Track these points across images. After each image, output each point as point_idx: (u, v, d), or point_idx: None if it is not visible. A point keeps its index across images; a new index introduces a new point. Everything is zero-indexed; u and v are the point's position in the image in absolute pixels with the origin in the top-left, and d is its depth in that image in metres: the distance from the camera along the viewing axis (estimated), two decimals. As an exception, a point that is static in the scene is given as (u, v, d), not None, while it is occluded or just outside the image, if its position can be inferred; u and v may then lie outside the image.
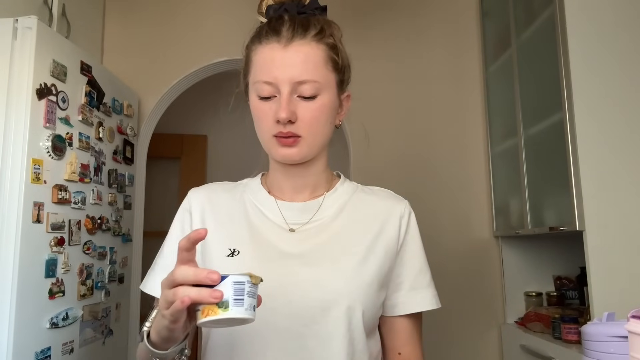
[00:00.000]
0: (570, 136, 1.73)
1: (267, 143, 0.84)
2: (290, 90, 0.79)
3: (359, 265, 0.82)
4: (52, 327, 1.63)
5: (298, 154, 0.83)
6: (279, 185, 0.90)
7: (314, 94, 0.81)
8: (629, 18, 1.76)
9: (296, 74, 0.79)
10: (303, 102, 0.81)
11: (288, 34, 0.81)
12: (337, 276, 0.81)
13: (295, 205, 0.88)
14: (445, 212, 2.48)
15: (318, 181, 0.90)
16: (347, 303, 0.79)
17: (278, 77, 0.79)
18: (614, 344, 0.77)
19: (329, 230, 0.86)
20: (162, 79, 2.55)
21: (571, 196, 1.73)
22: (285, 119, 0.78)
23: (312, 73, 0.80)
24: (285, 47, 0.80)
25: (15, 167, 1.54)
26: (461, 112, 2.59)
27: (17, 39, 1.59)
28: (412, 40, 2.64)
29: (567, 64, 1.75)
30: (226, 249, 0.83)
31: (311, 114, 0.81)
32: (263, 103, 0.82)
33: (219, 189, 0.93)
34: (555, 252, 2.39)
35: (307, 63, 0.80)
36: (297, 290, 0.79)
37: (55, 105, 1.70)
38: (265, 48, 0.82)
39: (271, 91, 0.80)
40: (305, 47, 0.81)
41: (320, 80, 0.81)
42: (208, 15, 2.61)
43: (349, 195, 0.91)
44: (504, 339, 2.38)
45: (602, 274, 1.65)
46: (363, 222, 0.88)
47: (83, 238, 1.87)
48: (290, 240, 0.84)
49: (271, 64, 0.80)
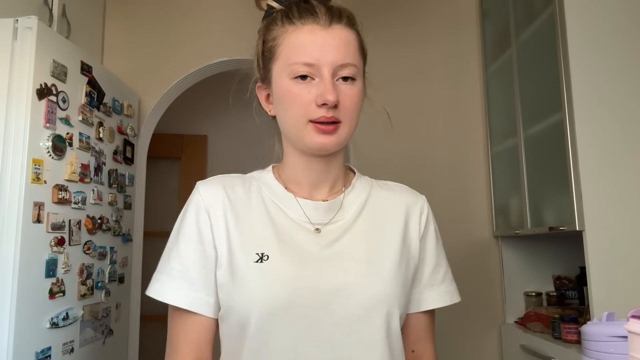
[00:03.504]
0: (570, 136, 1.73)
1: (299, 130, 0.78)
2: (332, 74, 0.76)
3: (394, 267, 0.79)
4: (52, 327, 1.63)
5: (336, 142, 0.78)
6: (297, 179, 0.84)
7: (354, 77, 0.78)
8: (628, 18, 1.76)
9: (339, 57, 0.76)
10: (343, 86, 0.77)
11: (326, 17, 0.78)
12: (375, 281, 0.77)
13: (320, 205, 0.82)
14: (445, 212, 2.48)
15: (337, 176, 0.86)
16: (387, 309, 0.76)
17: (320, 59, 0.75)
18: (613, 344, 0.77)
19: (354, 230, 0.82)
20: (162, 79, 2.55)
21: (571, 196, 1.73)
22: (333, 102, 0.74)
23: (352, 57, 0.78)
24: (327, 29, 0.77)
25: (16, 167, 1.54)
26: (461, 112, 2.59)
27: (17, 39, 1.59)
28: (412, 40, 2.64)
29: (567, 64, 1.75)
30: (253, 254, 0.76)
31: (351, 99, 0.77)
32: (297, 85, 0.76)
33: (233, 183, 0.84)
34: (555, 252, 2.39)
35: (348, 46, 0.78)
36: (336, 298, 0.74)
37: (56, 105, 1.70)
38: (303, 29, 0.78)
39: (310, 72, 0.76)
40: (344, 31, 0.79)
41: (358, 66, 0.79)
42: (208, 16, 2.61)
43: (367, 191, 0.88)
44: (503, 339, 2.38)
45: (602, 274, 1.65)
46: (387, 220, 0.85)
47: (83, 238, 1.87)
48: (317, 241, 0.79)
49: (312, 44, 0.76)
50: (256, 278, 0.75)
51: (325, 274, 0.76)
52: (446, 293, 0.88)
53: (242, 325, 0.75)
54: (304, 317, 0.73)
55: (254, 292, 0.74)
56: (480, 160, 2.56)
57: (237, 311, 0.75)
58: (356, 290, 0.75)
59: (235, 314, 0.76)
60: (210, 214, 0.80)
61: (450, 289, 0.89)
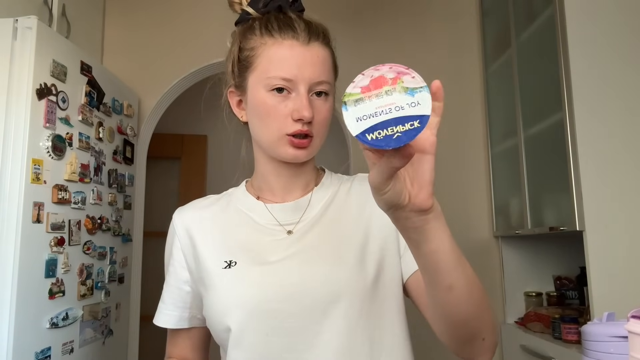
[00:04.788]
0: (570, 136, 1.73)
1: (275, 142, 0.81)
2: (308, 89, 0.79)
3: (358, 255, 0.80)
4: (52, 327, 1.63)
5: (308, 154, 0.82)
6: (269, 186, 0.88)
7: (327, 92, 0.81)
8: (628, 18, 1.76)
9: (316, 75, 0.79)
10: (316, 102, 0.80)
11: (305, 33, 0.81)
12: (338, 270, 0.79)
13: (287, 205, 0.86)
14: (445, 212, 2.45)
15: (309, 179, 0.89)
16: (351, 296, 0.77)
17: (298, 75, 0.78)
18: (614, 344, 0.77)
19: (320, 224, 0.84)
20: (162, 79, 2.55)
21: (571, 196, 1.73)
22: (309, 118, 0.77)
23: (327, 74, 0.81)
24: (306, 47, 0.80)
25: (15, 167, 1.54)
26: (461, 112, 2.59)
27: (17, 39, 1.59)
28: (412, 40, 2.63)
29: (567, 64, 1.75)
30: (222, 262, 0.82)
31: (323, 115, 0.81)
32: (274, 97, 0.79)
33: (204, 204, 0.92)
34: (555, 252, 2.39)
35: (324, 65, 0.81)
36: (303, 290, 0.77)
37: (55, 105, 1.70)
38: (283, 44, 0.80)
39: (287, 86, 0.79)
40: (321, 50, 0.82)
41: (331, 82, 0.83)
42: (208, 16, 2.61)
43: (336, 186, 0.90)
44: (504, 339, 2.38)
45: (602, 274, 1.65)
46: (352, 209, 0.86)
47: (83, 238, 1.87)
48: (285, 242, 0.82)
49: (291, 60, 0.79)
50: (225, 283, 0.80)
51: (289, 269, 0.79)
52: None
53: (222, 327, 0.79)
54: (273, 311, 0.76)
55: (224, 295, 0.79)
56: (480, 160, 2.56)
57: (214, 315, 0.81)
58: (320, 280, 0.78)
59: (213, 318, 0.81)
60: (180, 237, 0.88)
61: None
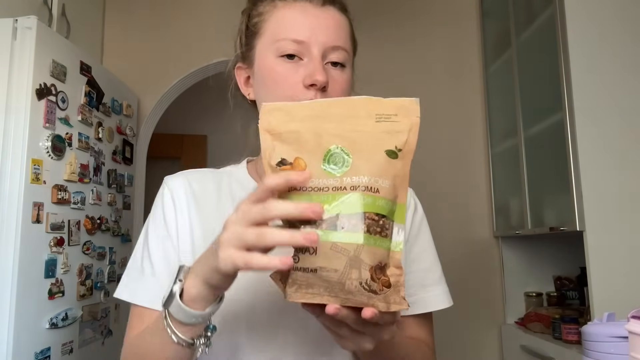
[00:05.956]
0: (570, 136, 1.73)
1: None
2: (322, 55, 0.69)
3: None
4: (51, 328, 1.63)
5: None
6: None
7: (344, 63, 0.72)
8: (628, 18, 1.76)
9: (331, 38, 0.70)
10: (332, 71, 0.70)
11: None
12: None
13: None
14: (445, 212, 2.48)
15: None
16: None
17: (311, 37, 0.69)
18: (614, 344, 0.77)
19: None
20: (162, 79, 2.55)
21: (571, 196, 1.73)
22: (323, 83, 0.67)
23: (344, 41, 0.72)
24: (319, 8, 0.71)
25: (15, 167, 1.54)
26: (461, 112, 2.59)
27: (17, 39, 1.59)
28: (412, 40, 2.63)
29: (567, 64, 1.75)
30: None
31: (340, 86, 0.71)
32: (284, 64, 0.70)
33: (202, 178, 0.79)
34: (555, 252, 2.39)
35: (341, 29, 0.72)
36: None
37: (55, 105, 1.70)
38: (295, 5, 0.71)
39: (298, 51, 0.69)
40: (338, 14, 0.73)
41: (349, 52, 0.73)
42: (208, 15, 2.61)
43: None
44: (504, 339, 2.38)
45: (602, 274, 1.65)
46: None
47: (82, 238, 1.87)
48: None
49: (303, 20, 0.70)
50: None
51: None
52: (440, 295, 0.79)
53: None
54: (264, 297, 0.68)
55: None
56: (480, 160, 2.56)
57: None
58: None
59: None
60: (175, 201, 0.75)
61: (443, 290, 0.80)
